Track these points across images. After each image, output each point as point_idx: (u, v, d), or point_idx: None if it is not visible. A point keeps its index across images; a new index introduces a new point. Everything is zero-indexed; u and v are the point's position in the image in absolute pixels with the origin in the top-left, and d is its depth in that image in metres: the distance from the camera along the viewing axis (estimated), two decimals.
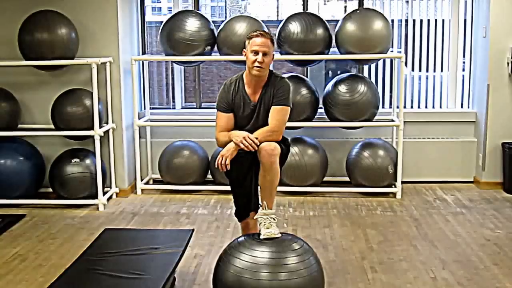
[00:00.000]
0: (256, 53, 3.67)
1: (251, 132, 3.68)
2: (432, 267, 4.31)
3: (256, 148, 3.57)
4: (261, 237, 3.41)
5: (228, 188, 5.93)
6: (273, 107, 3.71)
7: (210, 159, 6.40)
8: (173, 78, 7.38)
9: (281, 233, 3.47)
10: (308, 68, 6.88)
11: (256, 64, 3.67)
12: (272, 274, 3.18)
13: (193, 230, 4.19)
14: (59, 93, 5.96)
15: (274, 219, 3.50)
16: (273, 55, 3.79)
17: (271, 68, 3.94)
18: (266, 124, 3.70)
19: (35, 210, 5.80)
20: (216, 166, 3.67)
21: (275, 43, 3.88)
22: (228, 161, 3.59)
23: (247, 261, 3.25)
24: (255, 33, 3.73)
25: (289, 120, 3.92)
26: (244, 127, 3.77)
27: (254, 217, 3.60)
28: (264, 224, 3.47)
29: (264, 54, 3.67)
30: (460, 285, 4.00)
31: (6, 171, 5.83)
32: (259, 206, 3.68)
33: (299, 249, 3.33)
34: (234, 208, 4.08)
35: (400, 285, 4.00)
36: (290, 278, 3.18)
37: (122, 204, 6.03)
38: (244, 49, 3.82)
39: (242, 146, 3.58)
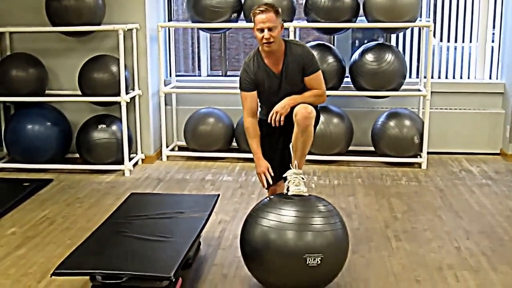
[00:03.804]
0: (261, 30, 3.64)
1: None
2: (456, 237, 4.30)
3: (277, 124, 3.66)
4: (290, 193, 3.45)
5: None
6: (310, 77, 3.72)
7: (235, 127, 6.42)
8: (198, 46, 7.37)
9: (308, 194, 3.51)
10: (335, 36, 6.82)
11: (264, 41, 3.65)
12: (298, 234, 3.20)
13: (218, 195, 4.22)
14: (86, 59, 5.99)
15: (303, 179, 3.54)
16: (282, 24, 3.72)
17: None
18: (293, 93, 3.70)
19: (62, 175, 5.87)
20: (269, 121, 3.70)
21: (280, 12, 3.75)
22: (282, 118, 3.64)
23: (273, 220, 3.26)
24: (257, 10, 3.66)
25: None
26: (272, 100, 3.76)
27: (284, 175, 3.64)
28: (293, 182, 3.51)
29: (270, 29, 3.63)
30: (484, 255, 3.98)
31: (33, 136, 5.91)
32: (285, 177, 3.70)
33: (324, 211, 3.34)
34: None
35: (423, 254, 4.00)
36: (315, 238, 3.20)
37: (147, 170, 6.08)
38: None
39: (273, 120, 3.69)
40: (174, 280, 3.01)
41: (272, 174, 3.79)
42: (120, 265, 3.11)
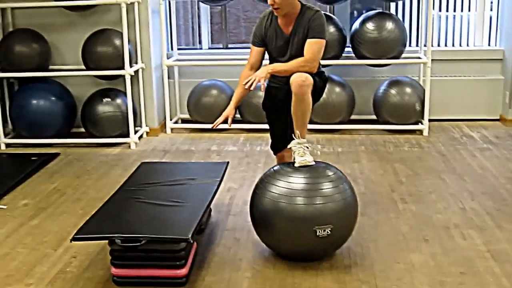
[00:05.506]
0: None
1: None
2: (461, 199, 4.39)
3: (252, 88, 3.54)
4: (296, 165, 3.48)
5: (256, 126, 6.07)
6: (308, 40, 3.67)
7: None
8: (199, 20, 7.40)
9: (314, 161, 3.54)
10: (334, 7, 6.84)
11: (270, 6, 3.68)
12: (308, 200, 3.27)
13: (228, 162, 4.28)
14: (89, 33, 6.02)
15: (307, 148, 3.56)
16: None
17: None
18: (300, 55, 3.70)
19: (69, 149, 5.93)
20: (244, 83, 3.58)
21: None
22: (263, 82, 3.53)
23: (283, 188, 3.33)
24: None
25: None
26: (279, 59, 3.79)
27: (288, 146, 3.66)
28: (298, 153, 3.53)
29: None
30: (489, 214, 4.08)
31: (38, 111, 5.96)
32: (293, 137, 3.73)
33: (333, 176, 3.41)
34: (269, 142, 4.14)
35: (430, 215, 4.09)
36: (325, 203, 3.28)
37: (153, 142, 6.15)
38: None
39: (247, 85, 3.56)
40: (192, 242, 3.09)
41: (229, 126, 3.92)
42: (138, 228, 3.18)
